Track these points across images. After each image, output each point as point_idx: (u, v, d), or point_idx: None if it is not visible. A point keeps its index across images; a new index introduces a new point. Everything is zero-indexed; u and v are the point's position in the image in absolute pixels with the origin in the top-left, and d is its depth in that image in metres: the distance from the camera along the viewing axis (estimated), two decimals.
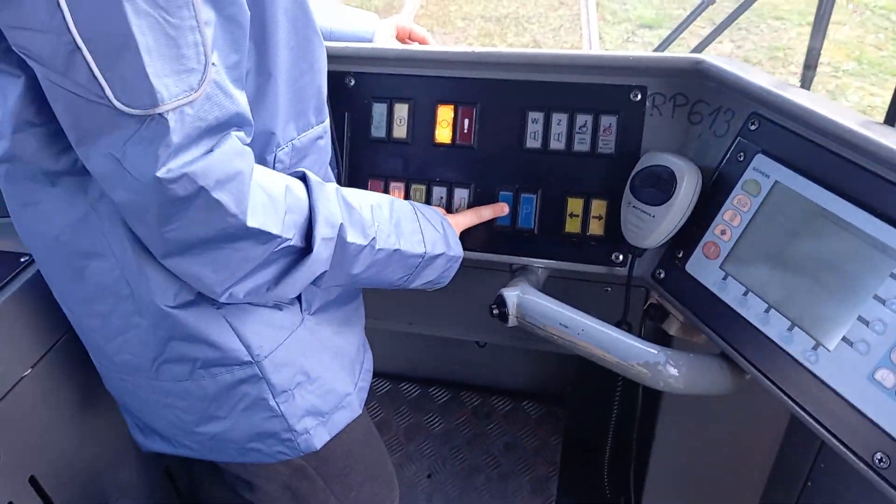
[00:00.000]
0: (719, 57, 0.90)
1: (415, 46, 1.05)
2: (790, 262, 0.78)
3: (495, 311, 0.96)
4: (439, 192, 1.06)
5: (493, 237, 1.05)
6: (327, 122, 0.86)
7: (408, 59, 1.03)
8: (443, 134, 1.05)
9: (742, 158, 0.86)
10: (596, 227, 1.00)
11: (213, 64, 0.60)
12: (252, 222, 0.64)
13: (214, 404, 0.83)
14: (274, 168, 0.78)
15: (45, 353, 1.00)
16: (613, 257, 1.00)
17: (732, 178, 0.87)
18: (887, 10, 5.71)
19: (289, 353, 0.84)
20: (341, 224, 0.74)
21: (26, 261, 1.02)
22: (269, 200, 0.67)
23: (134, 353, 0.81)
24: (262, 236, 0.66)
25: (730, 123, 0.89)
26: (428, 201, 1.06)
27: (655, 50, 1.45)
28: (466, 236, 1.04)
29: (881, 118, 0.92)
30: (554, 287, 1.06)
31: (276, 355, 0.82)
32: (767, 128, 0.84)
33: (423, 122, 1.05)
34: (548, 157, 1.01)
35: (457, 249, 0.96)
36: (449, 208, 1.06)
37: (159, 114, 0.56)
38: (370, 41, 1.17)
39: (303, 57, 0.77)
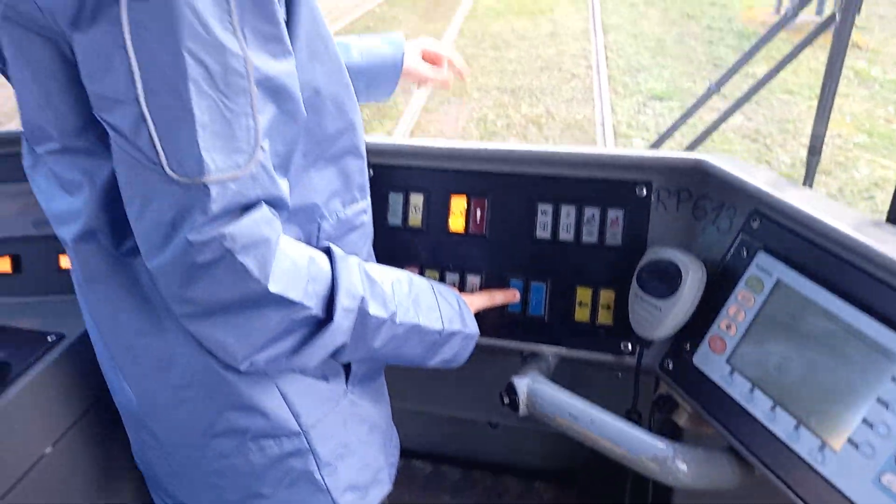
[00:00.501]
0: (720, 156, 0.94)
1: (429, 141, 1.10)
2: (795, 359, 0.80)
3: (506, 400, 0.97)
4: (451, 277, 1.09)
5: (504, 323, 1.08)
6: (369, 199, 0.90)
7: (424, 153, 1.08)
8: (456, 223, 1.09)
9: (745, 255, 0.89)
10: (605, 317, 1.03)
11: (262, 149, 0.64)
12: (274, 288, 0.66)
13: (259, 481, 0.83)
14: (319, 240, 0.83)
15: (66, 429, 1.02)
16: (622, 346, 1.02)
17: (736, 273, 0.89)
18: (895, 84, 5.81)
19: (333, 425, 0.86)
20: (363, 296, 0.76)
21: (53, 340, 1.06)
22: (292, 268, 0.69)
23: (184, 428, 0.82)
24: (283, 302, 0.68)
25: (732, 220, 0.92)
26: None
27: (654, 144, 1.50)
28: (479, 321, 1.07)
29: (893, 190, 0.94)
30: (564, 372, 1.08)
31: (322, 426, 0.84)
32: (769, 226, 0.87)
33: (437, 211, 1.09)
34: (557, 247, 1.04)
35: (472, 327, 0.97)
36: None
37: (204, 183, 0.61)
38: (401, 63, 1.17)
39: (348, 131, 0.82)
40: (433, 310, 0.89)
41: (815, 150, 1.43)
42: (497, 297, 1.07)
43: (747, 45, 6.93)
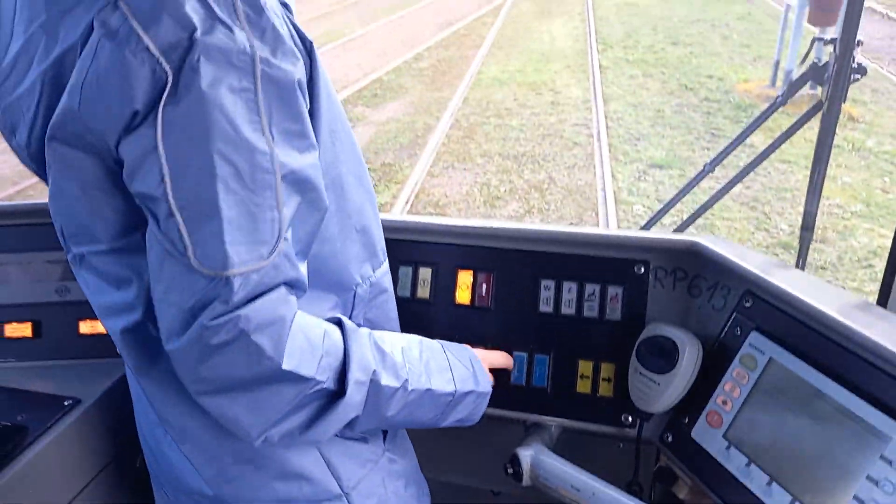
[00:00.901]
0: (714, 238, 1.00)
1: (438, 219, 1.16)
2: (789, 436, 0.83)
3: (510, 471, 1.00)
4: None
5: (508, 394, 1.11)
6: (387, 261, 0.95)
7: (433, 230, 1.14)
8: (462, 296, 1.14)
9: (739, 333, 0.93)
10: (605, 389, 1.06)
11: (285, 238, 0.67)
12: (287, 365, 0.68)
13: None
14: (355, 306, 0.87)
15: (80, 490, 1.05)
16: (623, 418, 1.05)
17: (731, 351, 0.93)
18: (890, 154, 5.95)
19: (372, 484, 0.88)
20: (374, 369, 0.77)
21: (69, 404, 1.09)
22: (306, 344, 0.70)
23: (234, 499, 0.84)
24: (296, 379, 0.69)
25: (726, 299, 0.97)
26: None
27: (644, 226, 1.56)
28: None
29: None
30: (567, 442, 1.11)
31: (362, 486, 0.86)
32: (761, 306, 0.92)
33: (444, 284, 1.14)
34: (559, 321, 1.09)
35: (485, 385, 0.97)
36: None
37: (227, 276, 0.64)
38: None
39: (368, 200, 0.88)
40: (445, 371, 0.90)
41: (807, 227, 1.49)
42: (511, 362, 1.10)
43: (744, 116, 7.12)
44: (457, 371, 0.92)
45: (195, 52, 0.61)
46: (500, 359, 1.07)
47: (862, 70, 1.34)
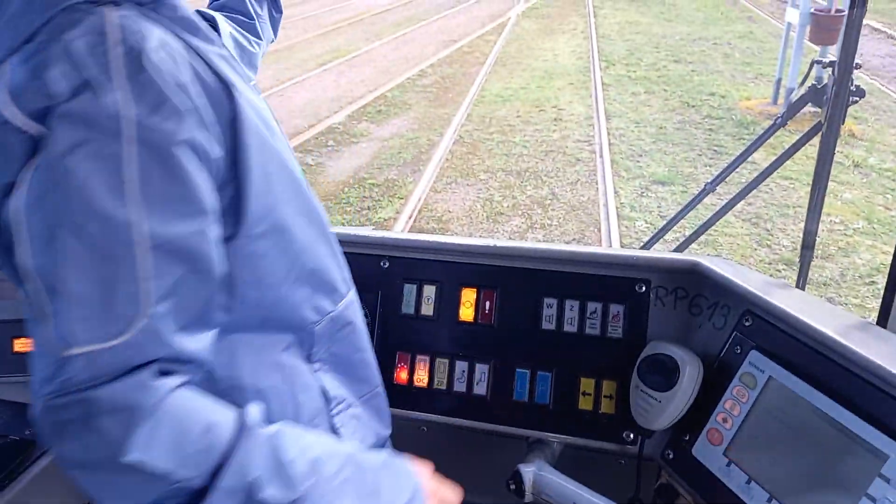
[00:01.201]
0: (714, 258, 1.01)
1: (442, 238, 1.18)
2: (788, 454, 0.84)
3: (512, 487, 1.01)
4: (461, 365, 1.15)
5: (511, 410, 1.12)
6: (353, 290, 0.92)
7: (437, 248, 1.16)
8: (466, 313, 1.15)
9: (739, 352, 0.95)
10: (607, 406, 1.07)
11: (151, 315, 0.62)
12: (131, 457, 0.61)
13: None
14: (315, 344, 0.84)
15: None
16: (624, 435, 1.06)
17: (731, 369, 0.95)
18: (892, 171, 5.97)
19: None
20: (256, 476, 0.66)
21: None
22: (174, 436, 0.63)
23: None
24: (144, 472, 0.62)
25: (727, 318, 0.99)
26: (451, 374, 1.15)
27: (645, 245, 1.58)
28: (484, 407, 1.11)
29: None
30: (569, 458, 1.12)
31: None
32: (760, 325, 0.94)
33: (448, 301, 1.16)
34: (562, 338, 1.10)
35: None
36: (470, 381, 1.14)
37: (65, 356, 0.60)
38: None
39: (320, 237, 0.84)
40: (368, 497, 0.75)
41: (808, 245, 1.50)
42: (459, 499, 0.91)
43: (746, 133, 7.15)
44: (386, 500, 0.77)
45: (52, 118, 0.61)
46: (451, 497, 0.89)
47: (860, 93, 1.36)
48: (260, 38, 1.12)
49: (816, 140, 1.50)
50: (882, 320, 1.16)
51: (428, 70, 9.94)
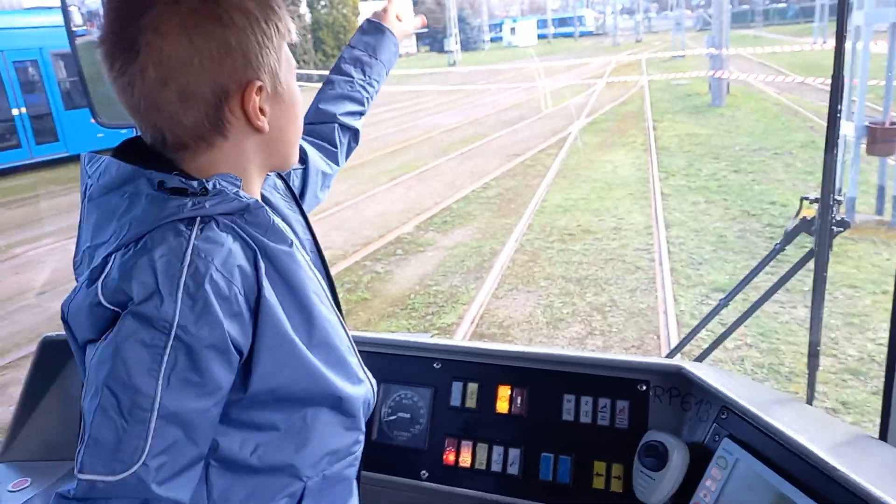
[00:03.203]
0: (696, 364, 1.26)
1: (483, 344, 1.47)
2: None
3: None
4: (498, 449, 1.41)
5: (538, 489, 1.36)
6: (360, 448, 1.06)
7: (479, 353, 1.46)
8: (502, 406, 1.42)
9: (717, 440, 1.18)
10: (616, 485, 1.30)
11: (145, 464, 0.79)
12: None
13: None
14: (304, 497, 0.97)
15: None
16: None
17: (710, 453, 1.17)
18: None
19: None
20: None
21: None
22: None
23: None
24: None
25: (709, 412, 1.22)
26: (489, 456, 1.40)
27: (669, 354, 1.81)
28: (515, 483, 1.35)
29: None
30: None
31: None
32: (734, 419, 1.17)
33: (488, 396, 1.44)
34: (579, 427, 1.36)
35: None
36: (505, 463, 1.39)
37: (77, 478, 0.79)
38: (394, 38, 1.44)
39: (326, 406, 0.98)
40: None
41: (813, 354, 1.70)
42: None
43: (807, 241, 7.20)
44: None
45: (127, 313, 0.80)
46: None
47: (844, 224, 1.60)
48: (338, 165, 1.35)
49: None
50: (883, 434, 1.33)
51: (492, 182, 10.49)
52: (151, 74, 0.85)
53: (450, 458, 1.43)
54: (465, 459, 1.41)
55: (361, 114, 1.39)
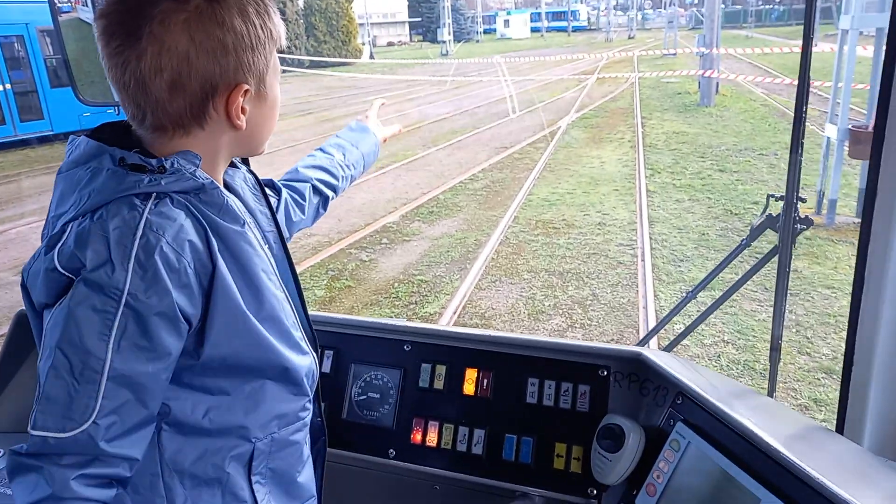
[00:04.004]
0: (655, 351, 1.31)
1: (452, 328, 1.51)
2: (697, 498, 1.10)
3: None
4: (463, 430, 1.45)
5: (501, 468, 1.40)
6: (310, 416, 1.13)
7: (448, 336, 1.49)
8: (469, 388, 1.46)
9: (672, 423, 1.22)
10: (576, 466, 1.35)
11: (95, 423, 0.85)
12: None
13: None
14: (254, 458, 1.04)
15: None
16: (588, 491, 1.33)
17: (665, 436, 1.22)
18: None
19: None
20: None
21: None
22: None
23: None
24: None
25: (665, 397, 1.27)
26: (455, 436, 1.44)
27: (640, 342, 1.86)
28: (478, 463, 1.40)
29: None
30: None
31: None
32: (688, 404, 1.22)
33: (455, 379, 1.47)
34: (541, 410, 1.40)
35: None
36: (469, 443, 1.43)
37: (29, 433, 0.85)
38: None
39: (277, 376, 1.04)
40: None
41: (774, 349, 1.75)
42: None
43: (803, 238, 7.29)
44: None
45: (80, 279, 0.86)
46: None
47: (808, 222, 1.65)
48: (304, 215, 1.40)
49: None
50: (839, 427, 1.37)
51: (479, 174, 10.52)
52: (148, 61, 0.90)
53: (417, 437, 1.47)
54: (432, 439, 1.45)
55: (334, 188, 1.48)
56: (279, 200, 1.33)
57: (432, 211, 8.68)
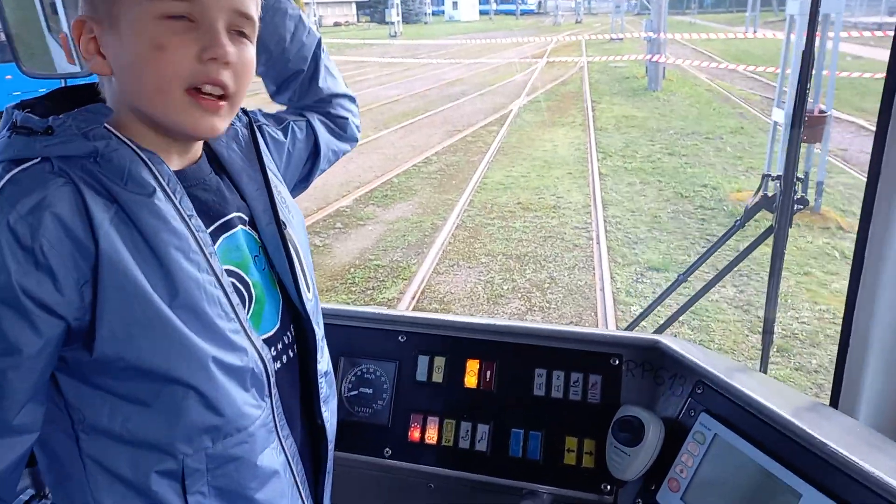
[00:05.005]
0: (672, 338, 1.24)
1: (452, 316, 1.41)
2: (729, 495, 1.05)
3: None
4: (466, 426, 1.36)
5: (507, 465, 1.32)
6: (254, 421, 0.91)
7: (447, 325, 1.39)
8: (470, 381, 1.37)
9: (693, 414, 1.16)
10: (588, 461, 1.28)
11: None
12: None
13: None
14: (188, 478, 0.86)
15: None
16: (602, 487, 1.26)
17: (686, 428, 1.16)
18: None
19: None
20: None
21: None
22: None
23: None
24: None
25: (683, 387, 1.21)
26: (457, 433, 1.35)
27: (629, 326, 1.81)
28: (483, 460, 1.31)
29: None
30: None
31: None
32: (710, 393, 1.16)
33: (455, 371, 1.38)
34: (550, 403, 1.32)
35: None
36: (473, 439, 1.34)
37: None
38: None
39: (203, 379, 0.84)
40: None
41: (767, 331, 1.73)
42: None
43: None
44: None
45: None
46: None
47: (804, 202, 1.62)
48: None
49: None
50: (833, 402, 1.36)
51: (433, 157, 10.42)
52: None
53: (415, 434, 1.37)
54: (431, 436, 1.36)
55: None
56: (301, 132, 1.20)
57: (387, 194, 8.54)
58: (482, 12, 60.04)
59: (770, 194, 1.68)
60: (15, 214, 0.74)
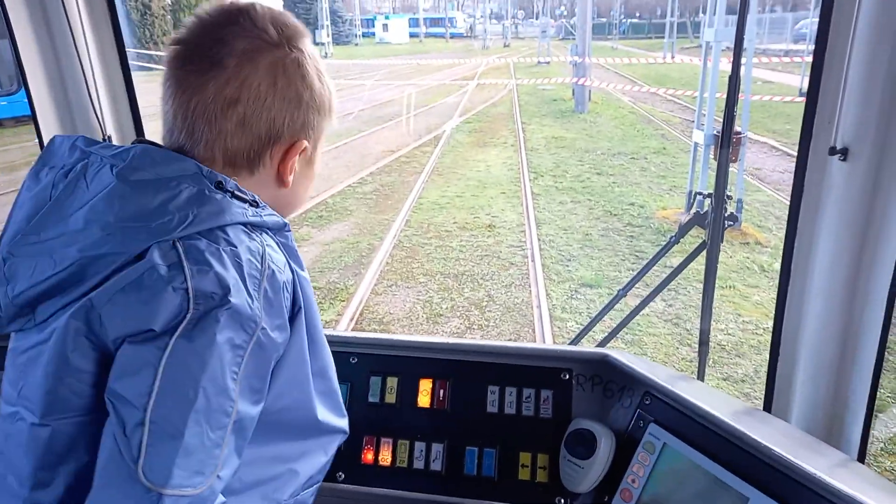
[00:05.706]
0: (620, 351, 1.28)
1: (404, 336, 1.42)
2: (679, 501, 1.08)
3: None
4: (420, 446, 1.35)
5: (462, 484, 1.32)
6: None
7: (399, 345, 1.39)
8: (423, 400, 1.37)
9: (642, 425, 1.20)
10: (542, 476, 1.29)
11: (218, 476, 0.75)
12: None
13: None
14: None
15: None
16: (556, 500, 1.28)
17: (637, 439, 1.19)
18: None
19: None
20: None
21: None
22: None
23: None
24: None
25: (632, 398, 1.25)
26: (411, 453, 1.35)
27: (573, 341, 1.86)
28: (439, 480, 1.31)
29: None
30: None
31: None
32: (657, 404, 1.20)
33: (408, 391, 1.38)
34: (503, 419, 1.33)
35: None
36: (427, 459, 1.34)
37: (161, 493, 0.71)
38: None
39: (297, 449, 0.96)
40: None
41: (703, 342, 1.80)
42: None
43: (663, 239, 7.75)
44: None
45: (223, 307, 0.76)
46: None
47: (734, 218, 1.71)
48: None
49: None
50: (767, 406, 1.43)
51: (368, 178, 10.40)
52: (226, 91, 0.87)
53: (368, 456, 1.36)
54: (385, 458, 1.35)
55: None
56: None
57: (321, 215, 8.45)
58: (412, 35, 60.65)
59: (702, 211, 1.77)
60: (285, 279, 0.86)
